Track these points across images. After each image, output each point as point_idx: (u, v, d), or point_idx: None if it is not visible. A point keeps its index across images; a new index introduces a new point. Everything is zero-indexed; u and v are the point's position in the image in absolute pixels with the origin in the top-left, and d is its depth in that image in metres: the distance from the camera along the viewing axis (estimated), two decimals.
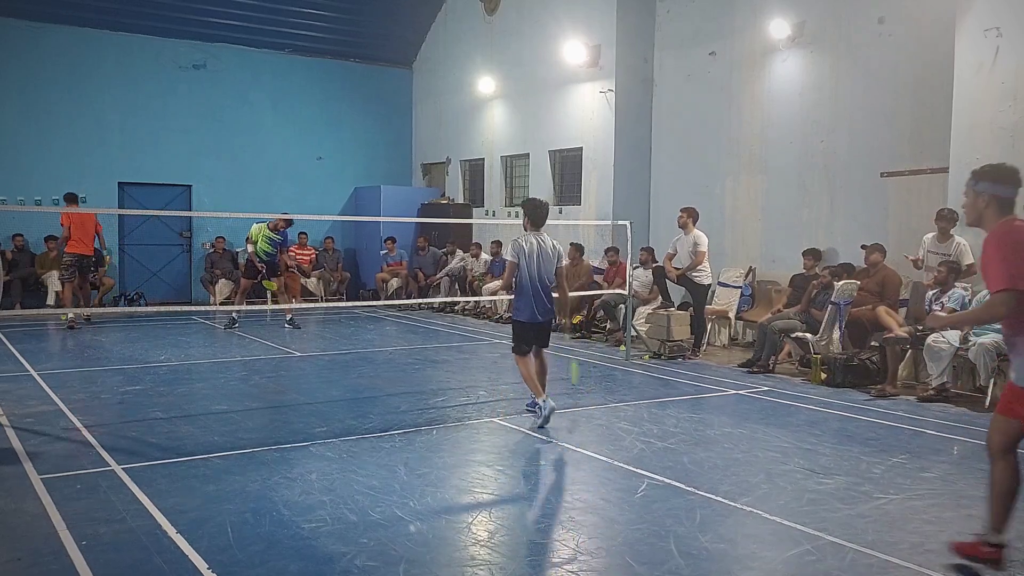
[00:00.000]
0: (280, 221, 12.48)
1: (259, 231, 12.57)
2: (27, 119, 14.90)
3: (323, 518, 4.48)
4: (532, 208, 6.93)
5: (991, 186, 3.89)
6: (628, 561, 4.00)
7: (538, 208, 6.94)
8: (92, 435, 6.16)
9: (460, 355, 10.35)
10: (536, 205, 6.97)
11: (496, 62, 16.11)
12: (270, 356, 10.15)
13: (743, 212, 12.21)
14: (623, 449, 6.05)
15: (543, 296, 6.75)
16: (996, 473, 3.86)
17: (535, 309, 6.75)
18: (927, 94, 9.82)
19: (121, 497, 4.77)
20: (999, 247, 3.73)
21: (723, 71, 12.43)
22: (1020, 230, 3.76)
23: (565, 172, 14.96)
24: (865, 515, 4.68)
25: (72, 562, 3.85)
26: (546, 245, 6.78)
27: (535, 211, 6.90)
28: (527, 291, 6.72)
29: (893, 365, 8.34)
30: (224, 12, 16.01)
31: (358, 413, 7.07)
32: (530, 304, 6.73)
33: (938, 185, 9.51)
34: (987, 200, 3.91)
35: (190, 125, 16.30)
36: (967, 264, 8.55)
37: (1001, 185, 3.87)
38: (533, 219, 6.87)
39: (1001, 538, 3.84)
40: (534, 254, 6.69)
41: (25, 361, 9.33)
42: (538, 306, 6.75)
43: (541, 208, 6.95)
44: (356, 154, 18.17)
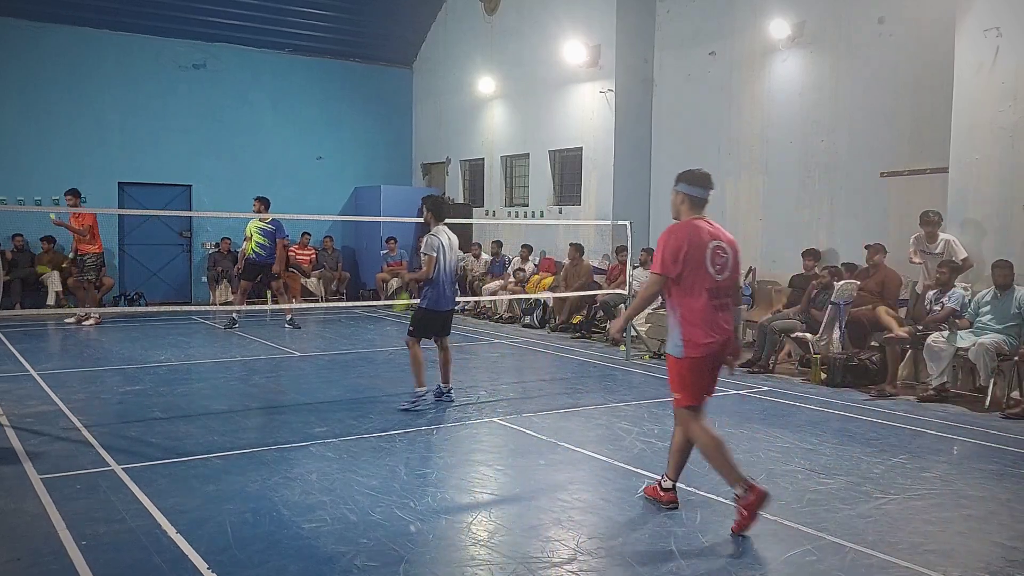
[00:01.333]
0: (258, 205, 12.35)
1: (252, 227, 12.54)
2: (27, 119, 14.89)
3: (323, 518, 4.48)
4: (434, 204, 7.31)
5: (686, 187, 4.67)
6: (628, 561, 4.00)
7: (441, 203, 7.41)
8: (92, 435, 6.16)
9: (460, 355, 10.34)
10: (440, 200, 7.50)
11: (496, 62, 16.11)
12: (270, 356, 10.15)
13: (743, 212, 12.21)
14: (623, 449, 6.05)
15: (452, 288, 7.22)
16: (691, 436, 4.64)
17: (446, 298, 7.14)
18: (927, 94, 9.82)
19: (121, 497, 4.76)
20: (665, 238, 4.53)
21: (723, 71, 12.43)
22: (687, 228, 4.52)
23: (565, 172, 14.96)
24: (865, 515, 4.68)
25: (72, 562, 3.85)
26: (453, 239, 7.22)
27: (438, 206, 7.30)
28: (441, 282, 7.07)
29: (893, 365, 8.34)
30: (224, 12, 16.00)
31: (358, 413, 7.07)
32: (443, 294, 7.10)
33: (938, 185, 9.50)
34: (683, 199, 4.67)
35: (190, 125, 16.29)
36: (961, 258, 8.59)
37: (694, 187, 4.65)
38: (437, 214, 7.23)
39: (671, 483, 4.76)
40: (447, 247, 7.07)
41: (25, 361, 9.32)
42: (449, 296, 7.17)
43: (444, 203, 7.50)
44: (356, 154, 18.17)
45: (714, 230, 4.62)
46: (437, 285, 7.08)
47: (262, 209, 12.31)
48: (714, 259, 4.52)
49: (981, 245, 8.71)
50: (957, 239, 8.74)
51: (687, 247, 4.45)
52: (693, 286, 4.46)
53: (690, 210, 4.66)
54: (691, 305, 4.47)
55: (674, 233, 4.52)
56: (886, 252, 9.42)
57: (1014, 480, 5.46)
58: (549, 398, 7.91)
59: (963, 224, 8.89)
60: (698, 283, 4.46)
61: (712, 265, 4.51)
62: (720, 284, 4.52)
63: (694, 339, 4.46)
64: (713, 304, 4.48)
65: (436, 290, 7.09)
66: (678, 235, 4.50)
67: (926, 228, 8.86)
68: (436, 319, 7.21)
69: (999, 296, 7.97)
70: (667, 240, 4.51)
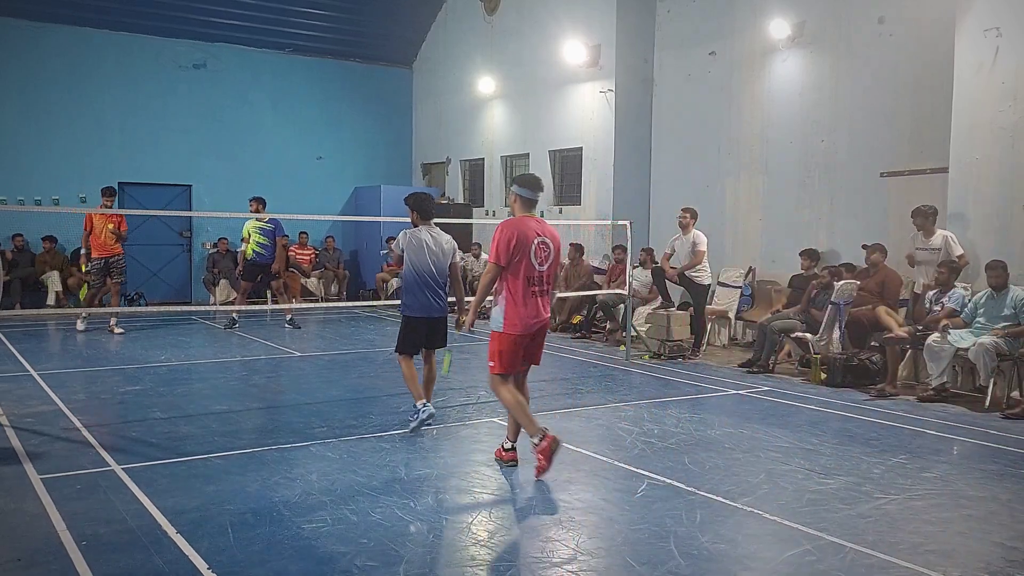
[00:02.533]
0: (255, 205, 12.22)
1: (250, 228, 12.45)
2: (27, 119, 14.90)
3: (323, 518, 4.48)
4: (416, 201, 6.71)
5: (518, 188, 5.43)
6: (628, 561, 4.00)
7: (423, 200, 6.74)
8: (92, 435, 6.16)
9: (460, 355, 10.34)
10: (422, 198, 6.77)
11: (496, 62, 16.11)
12: (270, 356, 10.15)
13: (743, 212, 12.21)
14: (623, 449, 6.05)
15: (435, 292, 6.49)
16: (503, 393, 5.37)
17: (426, 304, 6.47)
18: (927, 94, 9.82)
19: (121, 497, 4.76)
20: (499, 232, 5.29)
21: (723, 71, 12.43)
22: (516, 224, 5.29)
23: (565, 172, 14.96)
24: (865, 515, 4.69)
25: (72, 562, 3.85)
26: (440, 239, 6.57)
27: (419, 203, 6.69)
28: (416, 285, 6.44)
29: (893, 365, 8.35)
30: (224, 12, 16.01)
31: (358, 413, 7.07)
32: (421, 299, 6.45)
33: (938, 185, 9.51)
34: (515, 198, 5.45)
35: (190, 125, 16.30)
36: (957, 255, 8.60)
37: (524, 188, 5.40)
38: (420, 211, 6.65)
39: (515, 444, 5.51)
40: (423, 249, 6.45)
41: (25, 361, 9.33)
42: (431, 302, 6.48)
43: (428, 200, 6.76)
44: (356, 154, 18.17)
45: (540, 227, 5.39)
46: (413, 288, 6.46)
47: (259, 209, 12.28)
48: (538, 252, 5.30)
49: (981, 245, 8.71)
50: (954, 236, 8.74)
51: (515, 240, 5.21)
52: (518, 273, 5.22)
53: (521, 208, 5.44)
54: (514, 289, 5.25)
55: (506, 228, 5.29)
56: (886, 252, 9.42)
57: (1014, 480, 5.46)
58: (549, 398, 7.91)
59: (963, 224, 8.89)
60: (522, 271, 5.22)
61: (535, 257, 5.28)
62: (541, 274, 5.33)
63: (513, 319, 5.29)
64: (532, 290, 5.29)
65: (412, 295, 6.46)
66: (509, 230, 5.27)
67: (918, 220, 8.88)
68: (419, 327, 6.52)
69: (994, 296, 7.99)
70: (500, 234, 5.27)
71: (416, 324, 6.51)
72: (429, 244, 6.49)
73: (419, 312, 6.47)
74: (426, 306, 6.48)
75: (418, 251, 6.46)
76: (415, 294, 6.46)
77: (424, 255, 6.45)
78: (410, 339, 6.54)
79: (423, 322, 6.51)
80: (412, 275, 6.46)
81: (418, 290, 6.45)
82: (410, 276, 6.47)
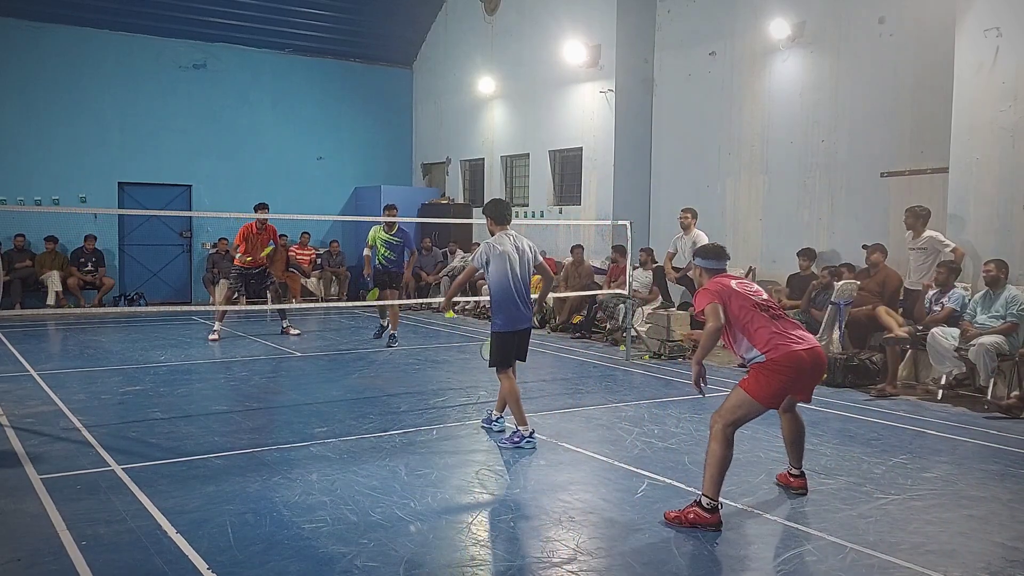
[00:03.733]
0: (390, 212, 10.97)
1: (377, 237, 10.83)
2: (27, 119, 14.90)
3: (323, 518, 4.48)
4: (490, 208, 6.27)
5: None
6: (628, 561, 4.00)
7: (497, 206, 6.28)
8: (92, 435, 6.15)
9: (461, 355, 10.34)
10: (496, 204, 6.31)
11: (496, 62, 16.11)
12: (270, 356, 10.14)
13: (743, 212, 12.21)
14: (624, 449, 6.05)
15: (523, 302, 6.07)
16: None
17: (518, 316, 6.03)
18: (927, 94, 9.82)
19: (121, 497, 4.76)
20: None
21: (723, 71, 12.42)
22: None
23: (565, 172, 14.96)
24: (866, 515, 4.68)
25: (72, 562, 3.85)
26: (521, 244, 6.14)
27: (494, 209, 6.24)
28: (510, 297, 5.99)
29: (893, 365, 8.34)
30: (224, 12, 16.01)
31: (358, 413, 7.07)
32: (514, 311, 6.01)
33: (938, 185, 9.51)
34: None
35: (190, 125, 16.30)
36: (951, 249, 8.64)
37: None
38: (496, 217, 6.20)
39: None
40: (511, 255, 6.00)
41: (25, 361, 9.33)
42: (522, 313, 6.05)
43: (501, 205, 6.30)
44: (356, 154, 18.17)
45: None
46: (503, 304, 5.98)
47: (393, 213, 10.93)
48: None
49: (981, 245, 8.70)
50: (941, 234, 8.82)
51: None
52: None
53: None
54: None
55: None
56: (886, 252, 9.43)
57: (1015, 480, 5.46)
58: (550, 398, 7.90)
59: (963, 224, 8.89)
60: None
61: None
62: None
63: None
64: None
65: (504, 309, 5.98)
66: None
67: (909, 220, 8.97)
68: (511, 340, 6.05)
69: (991, 295, 8.00)
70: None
71: (509, 338, 6.10)
72: (510, 253, 6.03)
73: (509, 327, 6.07)
74: (514, 319, 6.06)
75: (500, 262, 5.99)
76: (505, 309, 6.03)
77: (506, 265, 6.00)
78: (506, 354, 6.10)
79: (514, 335, 6.11)
80: (499, 289, 6.02)
81: (508, 304, 6.03)
82: (497, 291, 6.03)
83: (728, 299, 4.70)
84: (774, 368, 4.50)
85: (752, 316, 4.64)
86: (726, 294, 4.72)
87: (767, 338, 4.56)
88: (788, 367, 4.49)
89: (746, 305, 4.68)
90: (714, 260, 5.02)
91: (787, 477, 5.16)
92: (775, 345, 4.52)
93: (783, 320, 4.73)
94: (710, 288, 4.80)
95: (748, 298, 4.72)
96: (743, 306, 4.67)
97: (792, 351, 4.51)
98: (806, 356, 4.54)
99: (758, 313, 4.64)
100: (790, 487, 5.09)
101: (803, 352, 4.53)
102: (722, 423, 4.54)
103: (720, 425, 4.54)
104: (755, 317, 4.63)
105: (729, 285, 4.79)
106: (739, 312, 4.66)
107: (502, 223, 6.22)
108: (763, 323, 4.61)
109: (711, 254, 5.06)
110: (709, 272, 4.99)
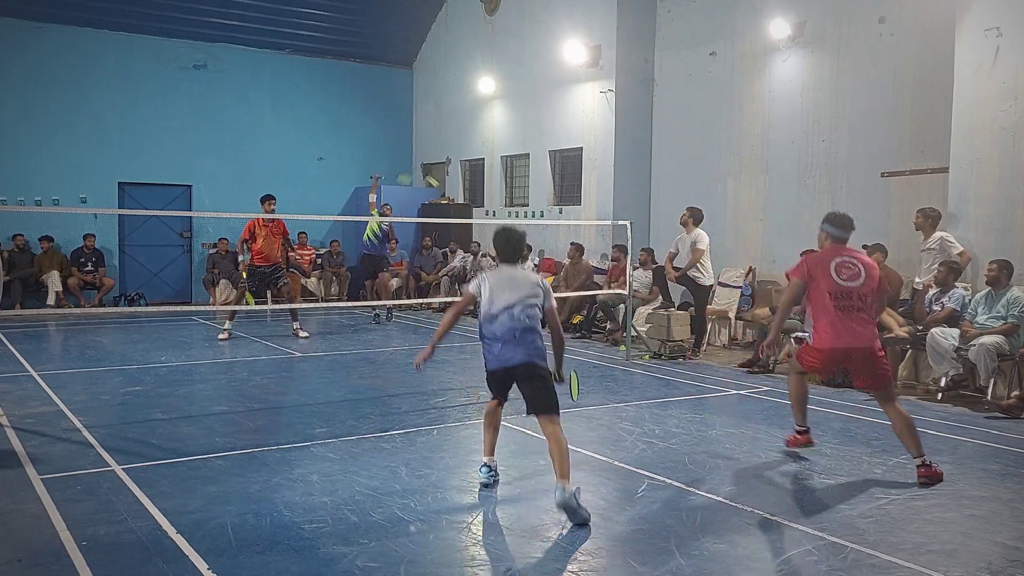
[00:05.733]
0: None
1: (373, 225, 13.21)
2: (27, 119, 14.89)
3: (324, 519, 4.48)
4: (496, 239, 5.15)
5: (830, 227, 6.37)
6: (628, 561, 4.00)
7: (504, 238, 5.08)
8: (93, 436, 6.15)
9: (461, 355, 10.34)
10: (504, 234, 5.09)
11: (496, 62, 16.11)
12: (271, 357, 10.14)
13: (744, 212, 12.21)
14: (624, 449, 6.05)
15: (508, 339, 4.83)
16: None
17: (493, 355, 4.91)
18: (927, 94, 9.82)
19: (122, 498, 4.76)
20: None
21: (723, 71, 12.43)
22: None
23: (565, 172, 14.96)
24: (867, 515, 4.68)
25: (72, 563, 3.85)
26: (517, 277, 4.97)
27: (499, 242, 5.12)
28: (489, 333, 4.91)
29: (893, 365, 8.34)
30: (224, 12, 16.01)
31: (359, 414, 7.07)
32: (491, 349, 4.92)
33: (939, 185, 9.51)
34: (826, 236, 6.37)
35: (190, 125, 16.30)
36: (957, 253, 8.61)
37: (837, 228, 6.35)
38: (500, 252, 5.11)
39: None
40: (492, 287, 4.92)
41: (25, 361, 9.32)
42: (500, 353, 4.87)
43: (508, 236, 5.08)
44: (356, 154, 18.17)
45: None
46: (483, 336, 4.97)
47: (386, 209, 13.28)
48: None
49: (981, 245, 8.70)
50: (951, 236, 8.77)
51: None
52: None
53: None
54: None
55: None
56: (886, 252, 9.42)
57: (1016, 480, 5.46)
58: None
59: (963, 224, 8.89)
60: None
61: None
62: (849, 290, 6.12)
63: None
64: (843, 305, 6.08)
65: (484, 344, 4.99)
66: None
67: (918, 220, 8.96)
68: (492, 379, 5.08)
69: (993, 295, 8.01)
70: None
71: (489, 376, 5.14)
72: (502, 283, 4.97)
73: (487, 364, 5.08)
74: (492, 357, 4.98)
75: (483, 290, 5.01)
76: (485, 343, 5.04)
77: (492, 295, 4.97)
78: (491, 387, 5.20)
79: (493, 374, 5.11)
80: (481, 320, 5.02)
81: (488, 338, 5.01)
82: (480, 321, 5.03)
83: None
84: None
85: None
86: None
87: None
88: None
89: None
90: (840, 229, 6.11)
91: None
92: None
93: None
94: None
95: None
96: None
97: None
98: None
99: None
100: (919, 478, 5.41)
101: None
102: None
103: None
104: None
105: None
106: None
107: (504, 260, 5.10)
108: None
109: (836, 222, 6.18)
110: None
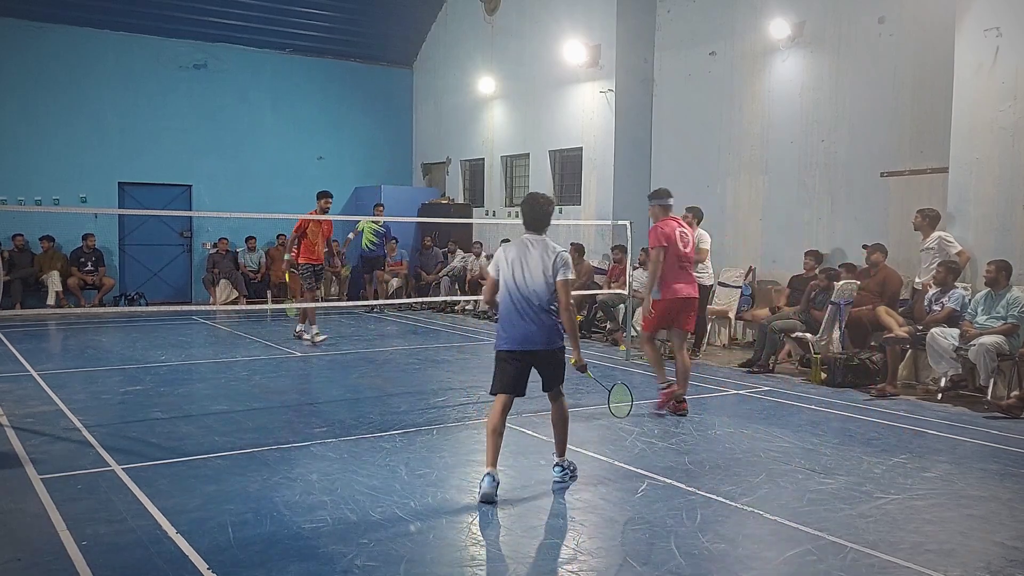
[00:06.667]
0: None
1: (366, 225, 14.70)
2: (27, 119, 14.91)
3: (324, 518, 4.48)
4: (521, 207, 5.23)
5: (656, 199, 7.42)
6: (628, 561, 4.00)
7: (528, 206, 5.15)
8: (92, 435, 6.15)
9: (461, 355, 10.34)
10: (527, 202, 5.17)
11: (496, 62, 16.11)
12: (271, 356, 10.14)
13: (743, 212, 12.21)
14: (624, 449, 6.05)
15: (528, 317, 4.93)
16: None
17: (509, 337, 4.98)
18: (927, 94, 9.82)
19: (121, 497, 4.76)
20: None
21: (723, 71, 12.43)
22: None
23: (565, 172, 14.96)
24: (866, 515, 4.68)
25: (72, 562, 3.85)
26: (533, 252, 4.98)
27: (523, 210, 5.18)
28: (503, 312, 5.03)
29: (893, 365, 8.34)
30: (224, 12, 16.02)
31: (359, 413, 7.07)
32: (506, 327, 5.00)
33: (938, 185, 9.51)
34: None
35: (190, 125, 16.30)
36: (956, 252, 8.62)
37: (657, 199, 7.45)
38: (524, 219, 5.16)
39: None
40: (511, 262, 4.99)
41: (25, 361, 9.33)
42: (518, 333, 4.94)
43: (531, 204, 5.14)
44: (356, 154, 18.18)
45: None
46: (501, 315, 5.04)
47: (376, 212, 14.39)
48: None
49: (981, 245, 8.71)
50: (950, 235, 8.78)
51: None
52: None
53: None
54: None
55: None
56: (886, 252, 9.43)
57: (1015, 480, 5.46)
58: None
59: (963, 224, 8.89)
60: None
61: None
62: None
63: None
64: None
65: (502, 323, 5.02)
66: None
67: (917, 220, 8.96)
68: (507, 362, 5.00)
69: (993, 295, 8.01)
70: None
71: (502, 359, 5.12)
72: (518, 259, 5.04)
73: (504, 346, 5.09)
74: (512, 338, 5.04)
75: (503, 269, 5.09)
76: (503, 323, 5.11)
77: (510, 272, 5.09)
78: (499, 377, 5.13)
79: (508, 356, 5.10)
80: (500, 300, 5.14)
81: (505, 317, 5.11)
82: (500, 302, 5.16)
83: None
84: None
85: None
86: None
87: None
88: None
89: None
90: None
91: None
92: None
93: None
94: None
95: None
96: None
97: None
98: None
99: None
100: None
101: None
102: None
103: None
104: None
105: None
106: None
107: (528, 228, 5.12)
108: None
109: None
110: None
